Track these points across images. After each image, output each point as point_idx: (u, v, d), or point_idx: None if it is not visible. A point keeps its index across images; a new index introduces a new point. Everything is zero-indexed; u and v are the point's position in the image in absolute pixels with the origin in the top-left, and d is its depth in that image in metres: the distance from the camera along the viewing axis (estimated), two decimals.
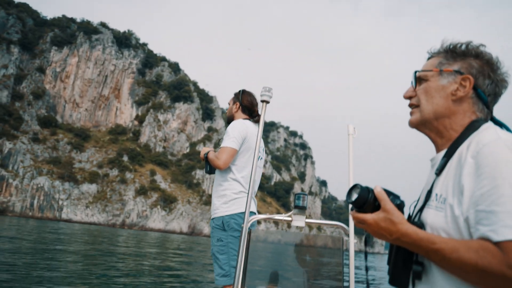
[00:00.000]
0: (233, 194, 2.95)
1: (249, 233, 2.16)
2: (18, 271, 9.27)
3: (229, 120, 3.31)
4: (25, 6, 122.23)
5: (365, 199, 1.04)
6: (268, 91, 2.11)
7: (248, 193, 2.07)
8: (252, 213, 2.90)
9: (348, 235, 2.14)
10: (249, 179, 2.95)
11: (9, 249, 14.29)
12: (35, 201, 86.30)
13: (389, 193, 1.06)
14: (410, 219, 1.09)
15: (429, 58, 1.21)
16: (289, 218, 2.15)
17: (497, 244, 0.86)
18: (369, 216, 1.04)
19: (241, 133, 2.99)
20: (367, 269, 1.17)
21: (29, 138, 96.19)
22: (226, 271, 2.82)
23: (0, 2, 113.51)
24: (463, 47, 1.13)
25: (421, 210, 1.08)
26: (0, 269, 9.37)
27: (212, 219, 3.01)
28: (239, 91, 3.28)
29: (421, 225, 1.03)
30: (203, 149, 3.16)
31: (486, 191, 0.90)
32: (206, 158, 3.10)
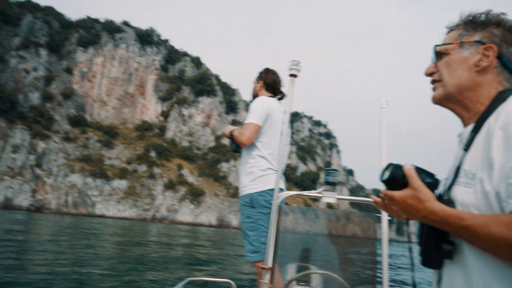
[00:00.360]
0: (260, 171, 2.94)
1: (279, 209, 2.13)
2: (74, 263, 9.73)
3: (253, 98, 3.30)
4: (51, 10, 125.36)
5: (394, 177, 1.04)
6: (296, 64, 2.05)
7: (277, 170, 2.04)
8: (280, 190, 2.81)
9: (380, 212, 2.08)
10: (275, 156, 2.99)
11: (61, 243, 14.96)
12: (70, 198, 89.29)
13: (421, 171, 1.05)
14: (440, 197, 1.05)
15: (448, 32, 1.17)
16: (320, 195, 2.10)
17: None
18: (396, 193, 1.04)
19: (264, 109, 2.98)
20: (410, 250, 1.13)
21: (61, 137, 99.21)
22: (256, 247, 2.83)
23: (27, 6, 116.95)
24: (483, 16, 1.09)
25: (450, 187, 1.05)
26: (56, 262, 9.86)
27: (240, 196, 3.02)
28: (263, 69, 3.31)
29: (450, 203, 1.00)
30: (228, 127, 3.15)
31: None
32: (231, 136, 3.08)
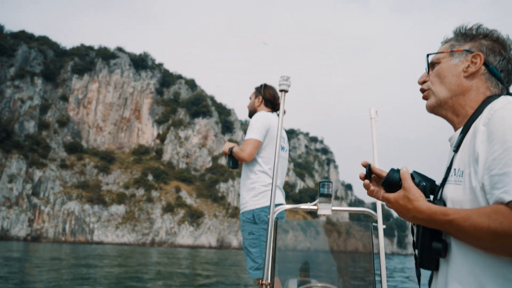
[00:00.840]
0: (262, 187, 2.93)
1: (276, 223, 2.10)
2: None
3: (250, 114, 3.31)
4: (45, 39, 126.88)
5: (390, 180, 1.10)
6: (286, 80, 2.08)
7: (272, 184, 2.04)
8: (280, 204, 2.87)
9: (376, 221, 2.11)
10: (277, 171, 3.02)
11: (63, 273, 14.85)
12: (67, 226, 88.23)
13: (418, 175, 1.10)
14: (434, 198, 1.11)
15: (442, 45, 1.26)
16: (315, 207, 2.10)
17: (509, 204, 0.86)
18: (391, 195, 1.10)
19: (264, 124, 2.99)
20: (416, 258, 1.12)
21: (57, 165, 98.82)
22: (259, 264, 2.78)
23: (22, 37, 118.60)
24: (473, 29, 1.17)
25: (442, 186, 1.09)
26: None
27: (242, 213, 2.98)
28: (261, 85, 3.30)
29: (441, 201, 1.05)
30: (226, 144, 3.12)
31: (498, 154, 0.90)
32: (230, 153, 3.05)
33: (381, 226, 2.05)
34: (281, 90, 2.09)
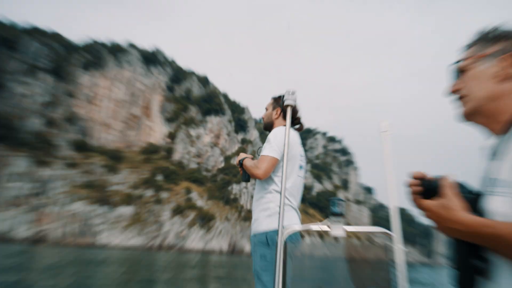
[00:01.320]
0: (277, 207, 2.75)
1: (285, 246, 2.01)
2: None
3: (266, 126, 3.13)
4: (55, 34, 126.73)
5: (431, 186, 1.05)
6: (292, 94, 2.07)
7: (280, 201, 1.96)
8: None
9: (393, 240, 1.97)
10: (293, 191, 2.85)
11: None
12: (72, 227, 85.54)
13: (463, 186, 1.05)
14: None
15: (463, 52, 1.22)
16: (327, 228, 2.01)
17: None
18: (428, 202, 1.04)
19: (283, 141, 2.80)
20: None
21: (64, 163, 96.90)
22: None
23: (33, 33, 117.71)
24: (494, 32, 1.14)
25: (484, 198, 1.01)
26: None
27: (254, 234, 2.75)
28: (279, 96, 3.11)
29: (483, 214, 0.97)
30: (239, 155, 2.94)
31: None
32: (241, 165, 2.90)
33: (399, 247, 1.98)
34: (286, 105, 2.06)
